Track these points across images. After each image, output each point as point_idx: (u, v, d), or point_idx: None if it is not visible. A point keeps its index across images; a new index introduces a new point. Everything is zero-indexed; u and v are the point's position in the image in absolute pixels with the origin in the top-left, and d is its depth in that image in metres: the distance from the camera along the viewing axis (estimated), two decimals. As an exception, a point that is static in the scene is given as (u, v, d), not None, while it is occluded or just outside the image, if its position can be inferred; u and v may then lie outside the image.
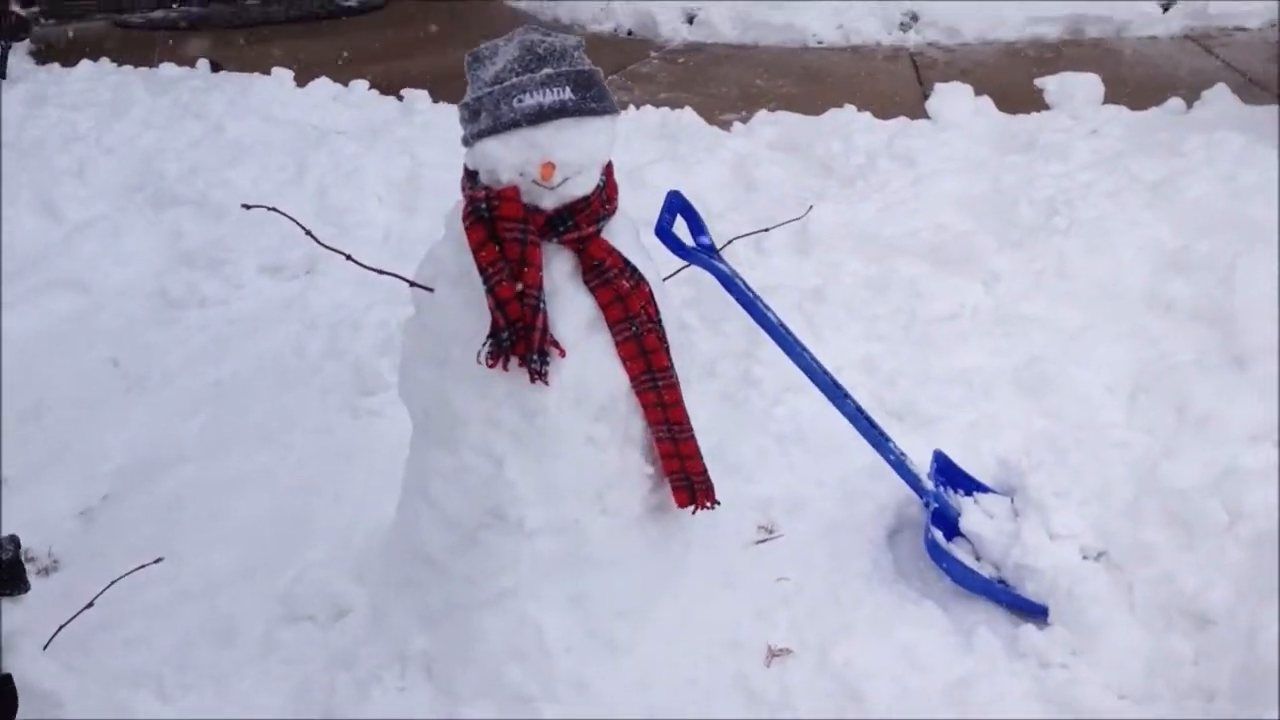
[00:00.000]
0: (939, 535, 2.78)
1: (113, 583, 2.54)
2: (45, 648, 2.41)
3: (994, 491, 2.94)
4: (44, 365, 4.17)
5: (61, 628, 2.45)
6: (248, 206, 2.66)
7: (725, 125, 5.95)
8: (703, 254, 2.72)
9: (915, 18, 7.96)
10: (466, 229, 2.35)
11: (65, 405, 3.95)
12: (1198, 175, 4.52)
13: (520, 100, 2.30)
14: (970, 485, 2.95)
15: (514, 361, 2.36)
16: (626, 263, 2.43)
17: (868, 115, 5.73)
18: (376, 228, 4.97)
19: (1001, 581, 2.77)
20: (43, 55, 8.27)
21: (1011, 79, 6.64)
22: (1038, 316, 3.69)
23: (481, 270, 2.34)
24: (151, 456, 3.66)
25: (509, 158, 2.33)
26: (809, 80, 7.18)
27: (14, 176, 5.44)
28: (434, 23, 9.38)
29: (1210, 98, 5.84)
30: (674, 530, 2.65)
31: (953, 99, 5.73)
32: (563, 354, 2.38)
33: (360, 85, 6.61)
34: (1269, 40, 7.37)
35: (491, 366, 2.36)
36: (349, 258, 2.67)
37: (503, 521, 2.47)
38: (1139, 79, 6.60)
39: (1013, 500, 2.89)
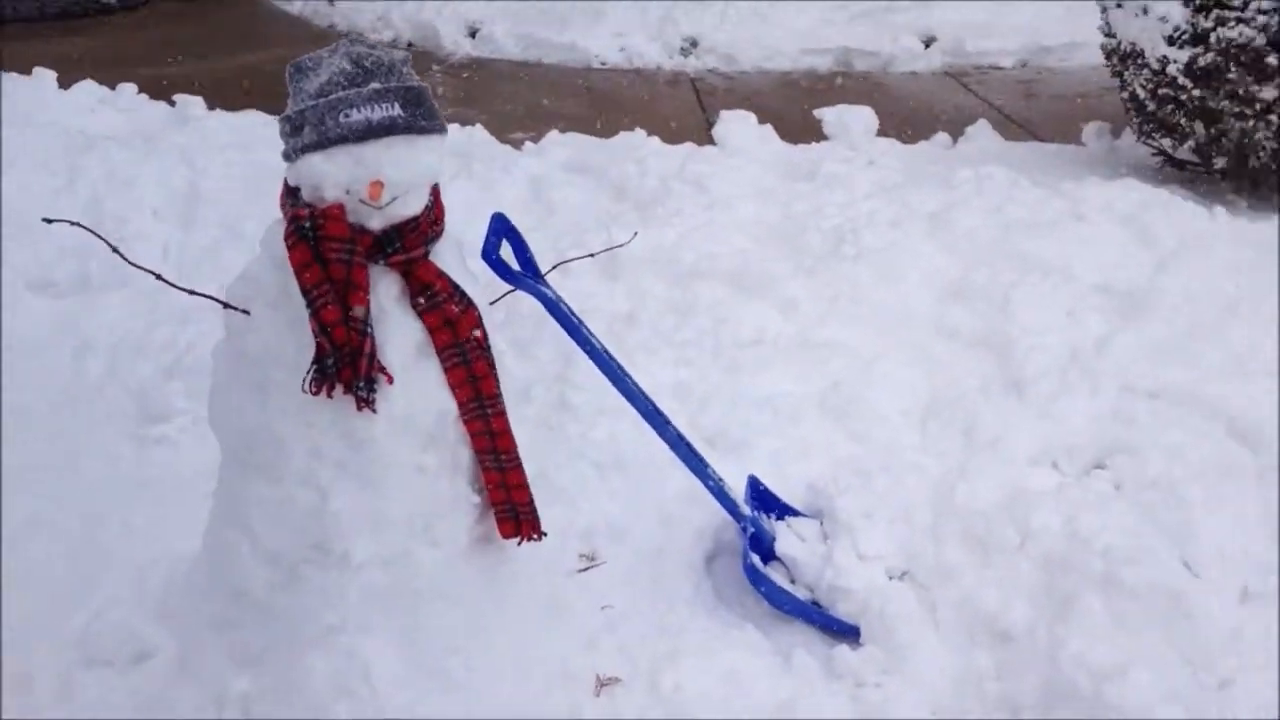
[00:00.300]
0: (757, 560, 2.85)
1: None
2: None
3: (804, 515, 3.04)
4: None
5: None
6: (49, 220, 2.48)
7: (517, 144, 5.96)
8: (529, 279, 2.70)
9: (695, 43, 8.16)
10: (289, 249, 2.25)
11: None
12: (969, 207, 4.82)
13: (347, 115, 2.22)
14: (782, 509, 3.04)
15: (339, 389, 2.28)
16: (455, 286, 2.39)
17: (656, 140, 5.86)
18: (154, 242, 4.71)
19: (816, 603, 2.86)
20: None
21: (790, 108, 6.90)
22: (836, 342, 3.84)
23: (305, 292, 2.25)
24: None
25: (335, 174, 2.24)
26: (594, 102, 7.26)
27: None
28: (199, 24, 9.04)
29: (973, 133, 6.24)
30: (500, 560, 2.61)
31: (738, 126, 5.91)
32: (391, 381, 2.32)
33: (128, 89, 6.28)
34: (1020, 79, 7.90)
35: (315, 394, 2.28)
36: (159, 277, 2.53)
37: (328, 555, 2.38)
38: (906, 113, 6.97)
39: (822, 523, 3.00)
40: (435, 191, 2.43)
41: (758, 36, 8.20)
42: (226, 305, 2.45)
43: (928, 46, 8.20)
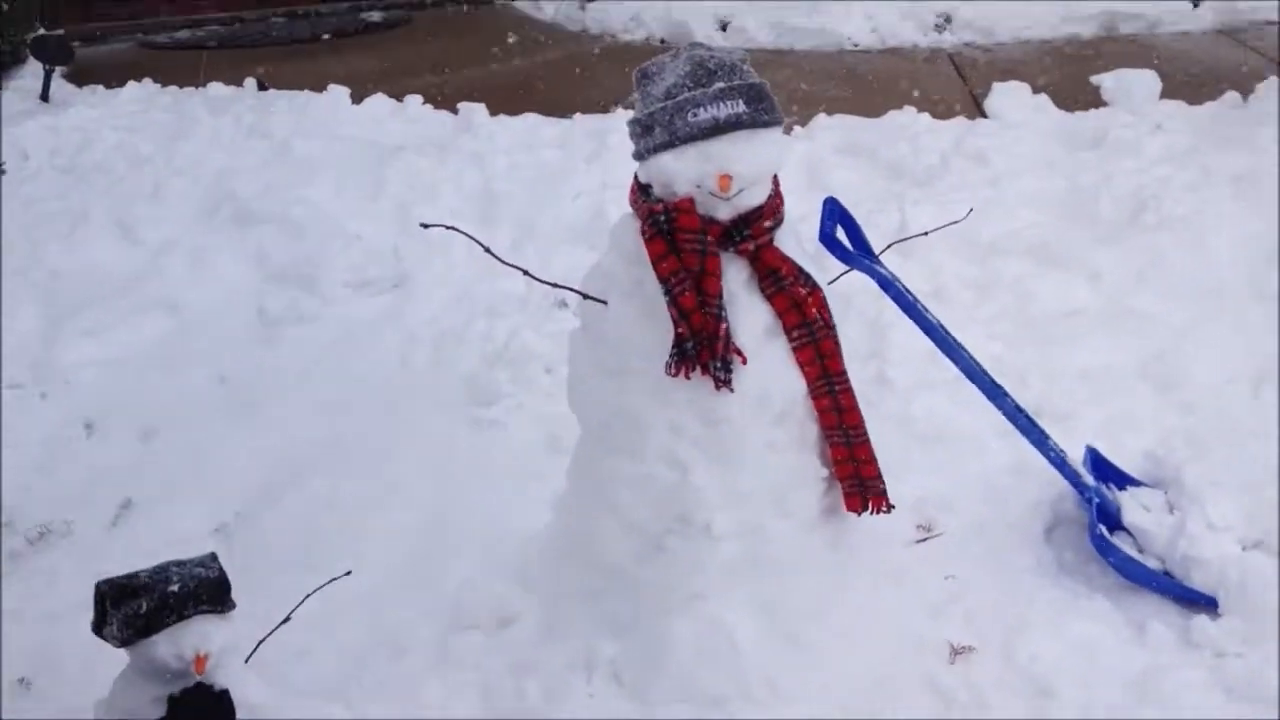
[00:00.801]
0: (1105, 530, 2.82)
1: (308, 596, 2.55)
2: (247, 661, 2.43)
3: (1146, 485, 2.98)
4: (148, 387, 4.18)
5: (261, 642, 2.47)
6: (426, 225, 2.67)
7: (784, 130, 5.99)
8: (865, 259, 2.75)
9: (949, 19, 8.01)
10: (646, 242, 2.38)
11: (179, 426, 3.96)
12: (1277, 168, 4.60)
13: (695, 114, 2.33)
14: (1122, 480, 3.00)
15: (697, 370, 2.39)
16: (800, 270, 2.46)
17: (927, 116, 5.79)
18: (459, 242, 4.98)
19: (1167, 574, 2.81)
20: (76, 78, 8.25)
21: (1059, 77, 6.69)
22: (1148, 312, 3.76)
23: (663, 281, 2.37)
24: (276, 473, 3.67)
25: (685, 171, 2.35)
26: (853, 83, 7.22)
27: (79, 200, 5.46)
28: (461, 35, 9.41)
29: (1264, 91, 5.90)
30: (844, 531, 2.67)
31: (1011, 97, 5.80)
32: (745, 361, 2.41)
33: (414, 100, 6.63)
34: (1300, 33, 7.45)
35: (675, 375, 2.39)
36: (526, 273, 2.70)
37: (690, 527, 2.50)
38: (1186, 74, 6.66)
39: (1166, 493, 2.93)
40: (775, 181, 2.51)
41: (1014, 6, 7.98)
42: (586, 297, 2.60)
43: (1196, 5, 7.81)
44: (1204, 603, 2.73)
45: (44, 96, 7.54)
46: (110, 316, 4.61)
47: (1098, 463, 2.99)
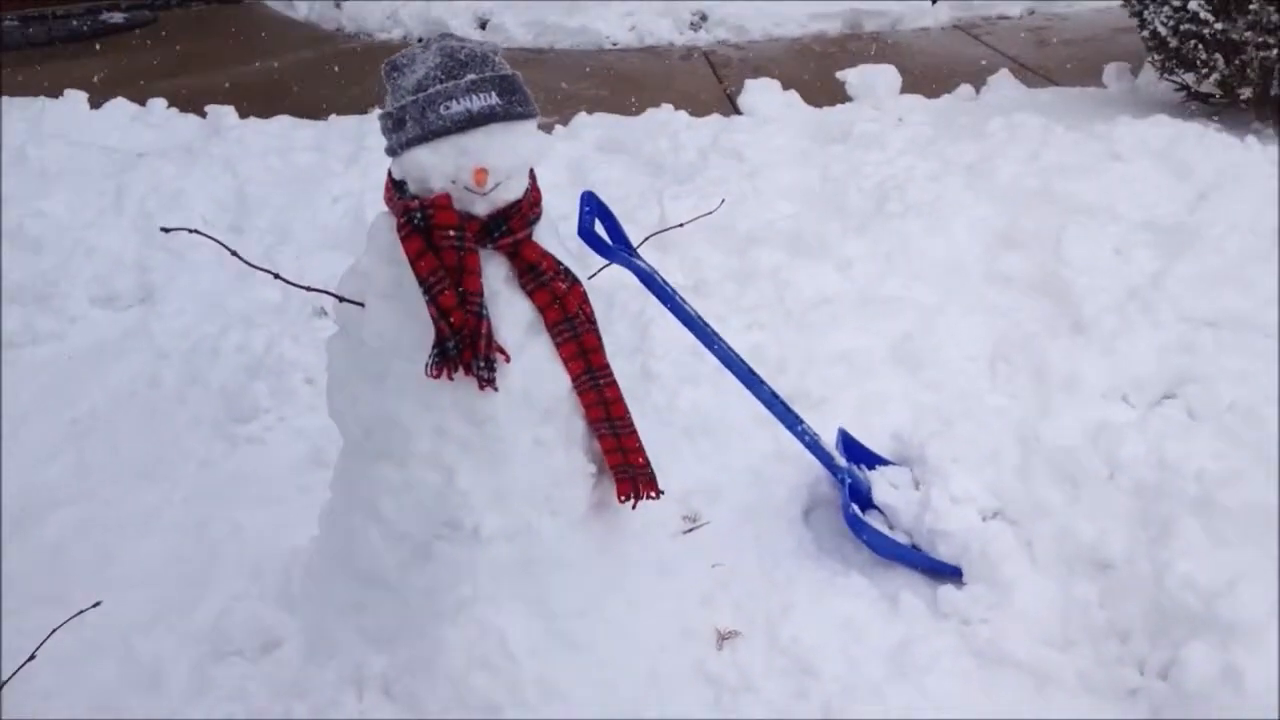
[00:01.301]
0: (857, 509, 2.93)
1: (52, 632, 2.38)
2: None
3: (893, 463, 3.12)
4: None
5: (2, 685, 2.30)
6: (166, 230, 2.54)
7: (546, 128, 6.01)
8: (623, 252, 2.78)
9: (704, 17, 8.21)
10: (403, 240, 2.33)
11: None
12: (1006, 156, 4.89)
13: (448, 107, 2.29)
14: (872, 459, 3.12)
15: (460, 370, 2.36)
16: (560, 264, 2.46)
17: (685, 114, 5.91)
18: (209, 251, 4.79)
19: (915, 547, 2.94)
20: None
21: (806, 73, 6.95)
22: (896, 296, 3.92)
23: (422, 281, 2.33)
24: (23, 502, 3.44)
25: (440, 165, 2.31)
26: (612, 82, 7.31)
27: None
28: (209, 36, 9.08)
29: (995, 83, 6.29)
30: (614, 526, 2.69)
31: (763, 94, 5.98)
32: (508, 359, 2.40)
33: (158, 104, 6.34)
34: (1029, 27, 7.95)
35: (437, 377, 2.36)
36: (277, 276, 2.60)
37: (458, 531, 2.46)
38: (924, 69, 7.02)
39: (912, 470, 3.07)
40: (532, 175, 2.51)
41: (764, 5, 8.24)
42: (342, 299, 2.53)
43: (934, 2, 8.24)
44: (950, 573, 2.87)
45: None
46: None
47: (849, 444, 3.10)
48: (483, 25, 8.49)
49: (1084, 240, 4.13)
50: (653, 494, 2.63)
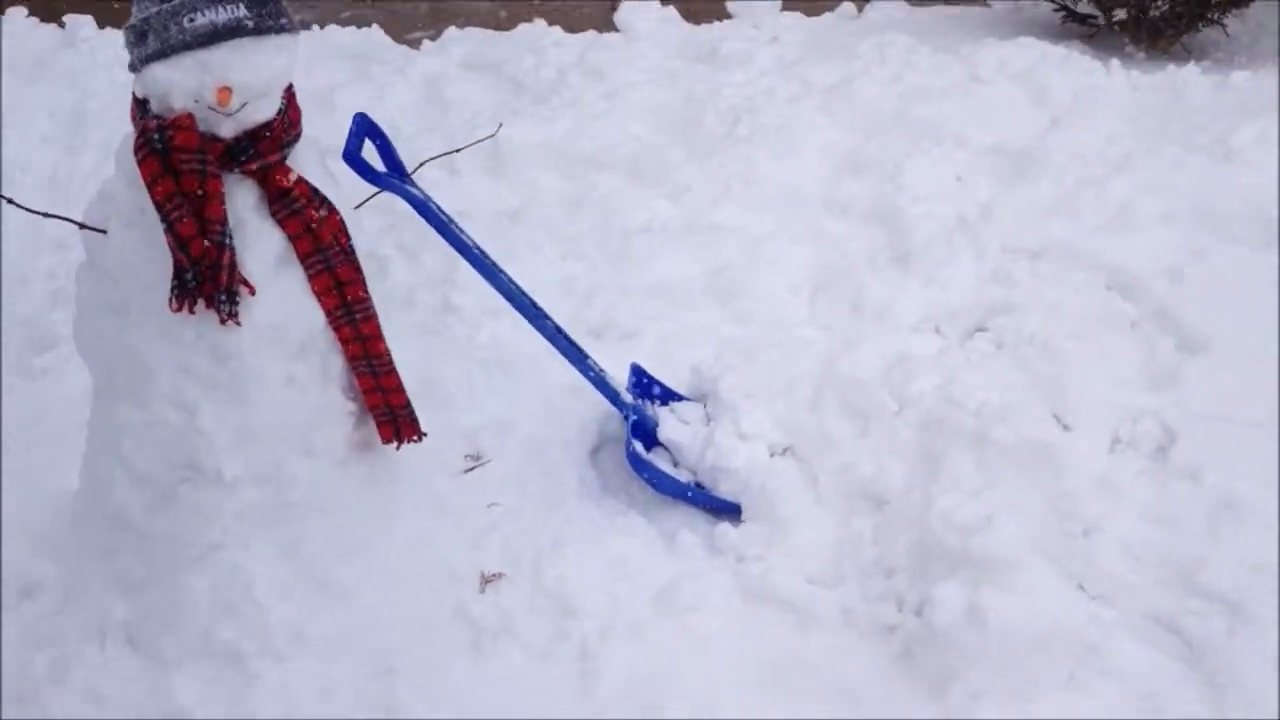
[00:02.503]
0: (639, 446, 2.89)
1: None
2: None
3: (688, 399, 3.08)
4: None
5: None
6: None
7: (415, 44, 5.83)
8: (395, 179, 2.68)
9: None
10: (139, 162, 2.22)
11: None
12: (869, 77, 4.79)
13: (191, 19, 2.17)
14: (666, 395, 3.08)
15: (201, 304, 2.27)
16: (315, 191, 2.36)
17: (558, 30, 5.74)
18: (42, 170, 4.63)
19: (699, 485, 2.91)
20: None
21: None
22: (724, 225, 3.85)
23: (158, 207, 2.23)
24: None
25: (182, 82, 2.20)
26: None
27: None
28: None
29: (877, 2, 6.15)
30: (381, 467, 2.64)
31: (641, 12, 5.82)
32: (252, 292, 2.31)
33: (18, 13, 6.06)
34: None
35: (177, 310, 2.27)
36: (10, 200, 2.49)
37: (201, 474, 2.39)
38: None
39: (706, 406, 3.03)
40: (290, 94, 2.39)
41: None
42: (82, 226, 2.43)
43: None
44: (730, 510, 2.85)
45: None
46: None
47: (642, 379, 3.05)
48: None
49: (926, 167, 4.06)
50: (415, 437, 2.57)
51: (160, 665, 2.44)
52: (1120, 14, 5.25)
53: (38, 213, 2.56)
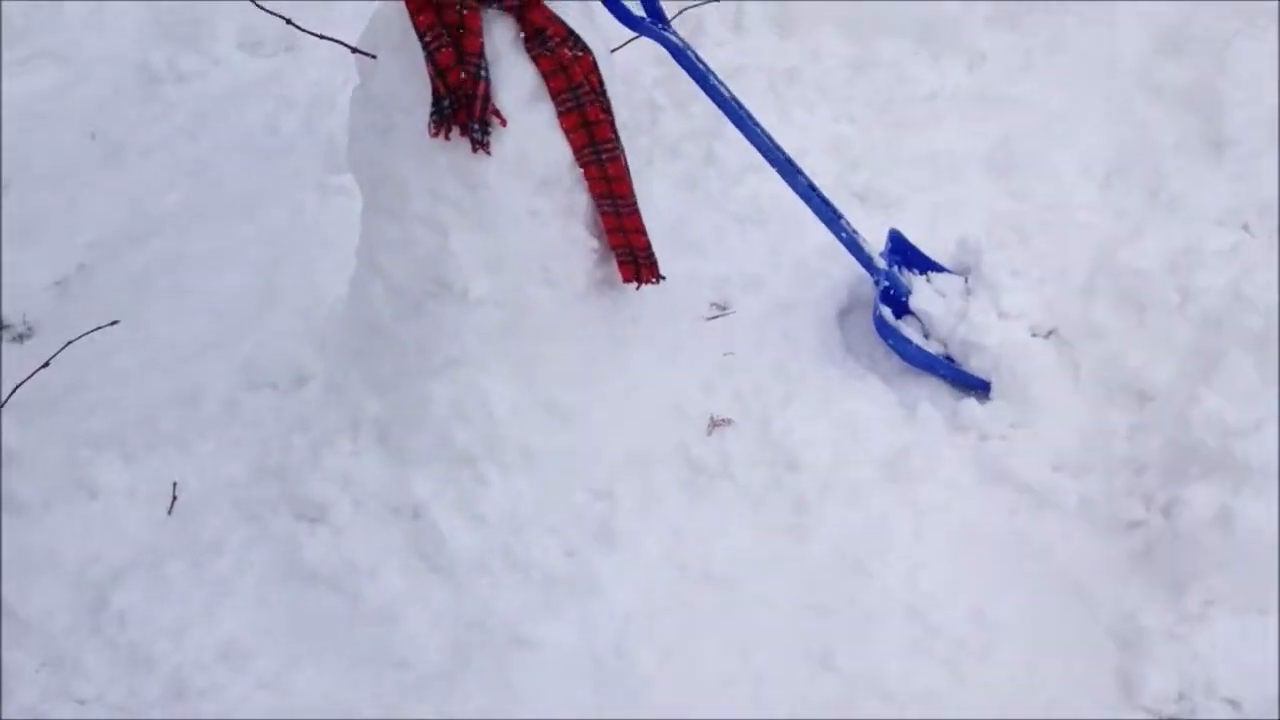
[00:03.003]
0: (887, 312, 2.79)
1: (69, 343, 2.55)
2: (1, 406, 2.46)
3: (949, 271, 2.94)
4: (21, 139, 4.15)
5: (17, 387, 2.48)
6: None
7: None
8: (654, 24, 2.65)
9: None
10: None
11: (41, 178, 3.97)
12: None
13: None
14: (925, 264, 2.95)
15: (455, 131, 2.33)
16: (570, 31, 2.38)
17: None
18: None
19: (948, 358, 2.79)
20: None
21: None
22: (1020, 98, 3.60)
23: (420, 36, 2.31)
24: (127, 229, 3.70)
25: (446, -85, 2.25)
26: None
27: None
28: None
29: None
30: (621, 304, 2.67)
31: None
32: (504, 123, 2.36)
33: None
34: None
35: (434, 136, 2.35)
36: (289, 21, 2.62)
37: (448, 290, 2.49)
38: None
39: (967, 280, 2.89)
40: (552, -68, 2.40)
41: None
42: (354, 50, 2.53)
43: None
44: (979, 387, 2.72)
45: None
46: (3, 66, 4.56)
47: (900, 246, 2.93)
48: None
49: (1255, 51, 3.66)
50: (653, 279, 2.59)
51: (402, 460, 2.58)
52: None
53: (315, 34, 2.67)
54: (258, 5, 2.66)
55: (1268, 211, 3.14)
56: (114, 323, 2.62)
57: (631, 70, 3.55)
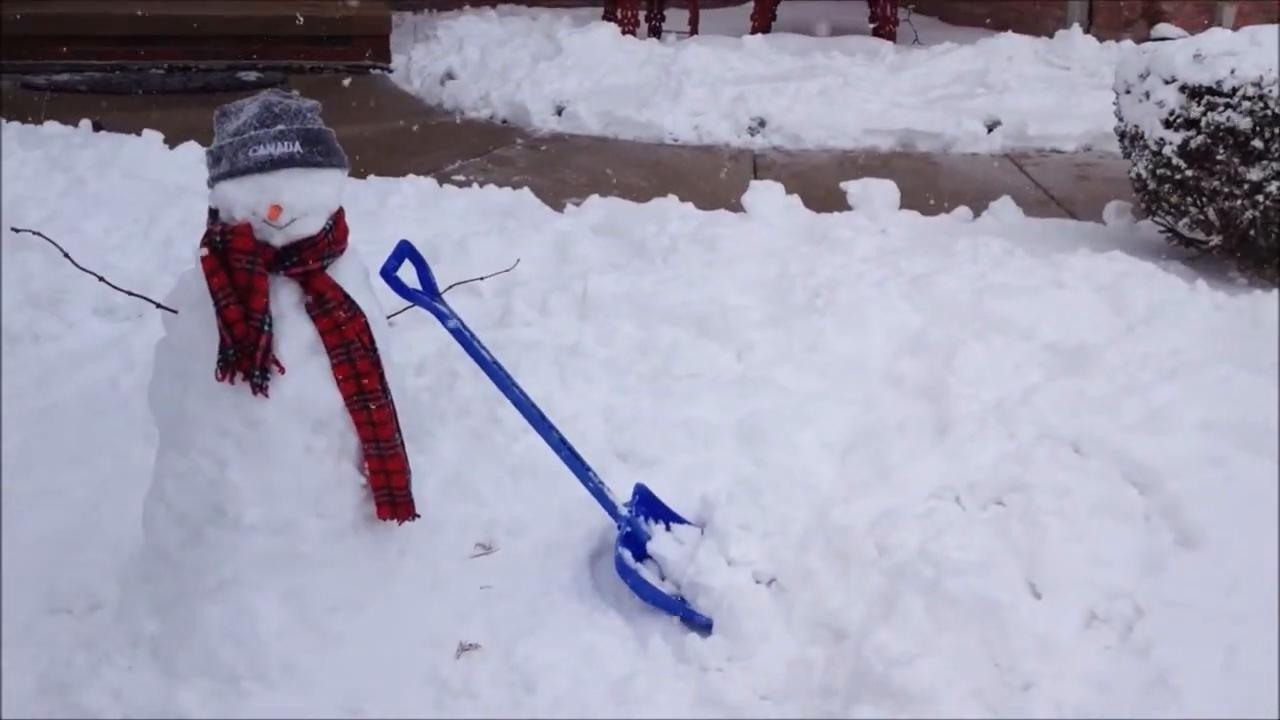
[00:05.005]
0: (627, 555, 3.18)
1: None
2: None
3: (688, 523, 3.35)
4: None
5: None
6: (16, 230, 3.04)
7: (560, 208, 6.41)
8: (424, 296, 3.12)
9: (763, 123, 8.57)
10: (202, 258, 2.75)
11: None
12: (956, 273, 5.06)
13: (255, 150, 2.72)
14: (668, 516, 3.36)
15: (239, 376, 2.73)
16: (346, 296, 2.84)
17: (689, 205, 6.22)
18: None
19: (681, 598, 3.16)
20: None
21: (831, 182, 7.21)
22: (774, 380, 4.14)
23: (213, 294, 2.74)
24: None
25: (242, 199, 2.74)
26: (654, 173, 7.71)
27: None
28: (324, 96, 9.79)
29: (997, 208, 6.45)
30: (388, 538, 3.01)
31: (764, 194, 6.24)
32: (282, 371, 2.77)
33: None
34: (1078, 163, 8.06)
35: (220, 380, 2.74)
36: (100, 279, 3.05)
37: (224, 518, 2.82)
38: (949, 190, 7.21)
39: (703, 531, 3.30)
40: (338, 216, 2.90)
41: (824, 117, 8.56)
42: (159, 306, 2.95)
43: (990, 130, 8.42)
44: (703, 624, 3.08)
45: (-114, 122, 7.80)
46: None
47: (645, 499, 3.35)
48: (559, 112, 9.02)
49: (983, 354, 4.29)
50: (409, 516, 2.94)
51: (172, 676, 2.82)
52: (1216, 239, 5.40)
53: (124, 291, 3.12)
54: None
55: (976, 489, 3.64)
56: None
57: (443, 344, 4.03)
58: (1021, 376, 4.20)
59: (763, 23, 11.58)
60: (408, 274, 3.12)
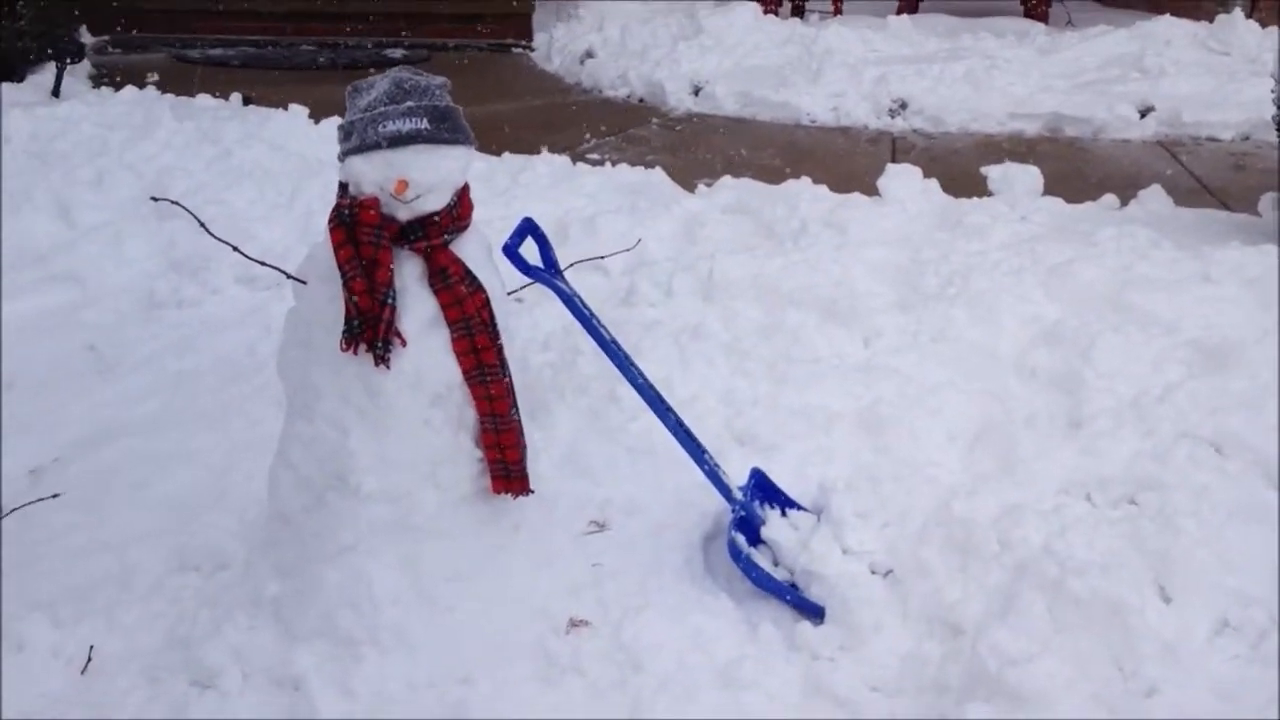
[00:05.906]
0: (740, 539, 3.15)
1: (11, 511, 2.94)
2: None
3: (804, 509, 3.31)
4: (25, 348, 4.65)
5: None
6: (155, 199, 3.14)
7: (692, 188, 6.38)
8: (545, 273, 3.13)
9: (904, 105, 8.40)
10: (330, 231, 2.79)
11: (39, 382, 4.43)
12: (1097, 263, 4.87)
13: (384, 126, 2.75)
14: (784, 502, 3.32)
15: (362, 347, 2.78)
16: (468, 272, 2.85)
17: (823, 187, 6.13)
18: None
19: (794, 585, 3.12)
20: (100, 79, 8.91)
21: (975, 167, 7.03)
22: (901, 369, 4.06)
23: (340, 266, 2.78)
24: (104, 429, 4.11)
25: (370, 174, 2.77)
26: (789, 154, 7.63)
27: (35, 183, 6.00)
28: (468, 76, 9.94)
29: (1145, 197, 6.20)
30: (502, 512, 3.03)
31: (902, 178, 6.12)
32: (404, 344, 2.80)
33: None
34: (1233, 152, 7.70)
35: (344, 350, 2.79)
36: (235, 249, 3.13)
37: (345, 485, 2.87)
38: (1096, 177, 6.97)
39: (819, 518, 3.25)
40: (463, 192, 2.92)
41: (968, 100, 8.35)
42: (290, 276, 3.01)
43: (1143, 116, 8.11)
44: (814, 612, 3.04)
45: (55, 92, 8.18)
46: (18, 285, 5.13)
47: (761, 484, 3.31)
48: (696, 91, 8.99)
49: (1121, 347, 4.13)
50: (523, 491, 2.95)
51: (290, 637, 2.90)
52: (1386, 232, 5.11)
53: (258, 261, 3.18)
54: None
55: (1109, 486, 3.51)
56: (55, 495, 3.01)
57: (567, 321, 4.06)
58: (1161, 372, 4.03)
59: (910, 3, 11.36)
60: (530, 251, 3.13)
